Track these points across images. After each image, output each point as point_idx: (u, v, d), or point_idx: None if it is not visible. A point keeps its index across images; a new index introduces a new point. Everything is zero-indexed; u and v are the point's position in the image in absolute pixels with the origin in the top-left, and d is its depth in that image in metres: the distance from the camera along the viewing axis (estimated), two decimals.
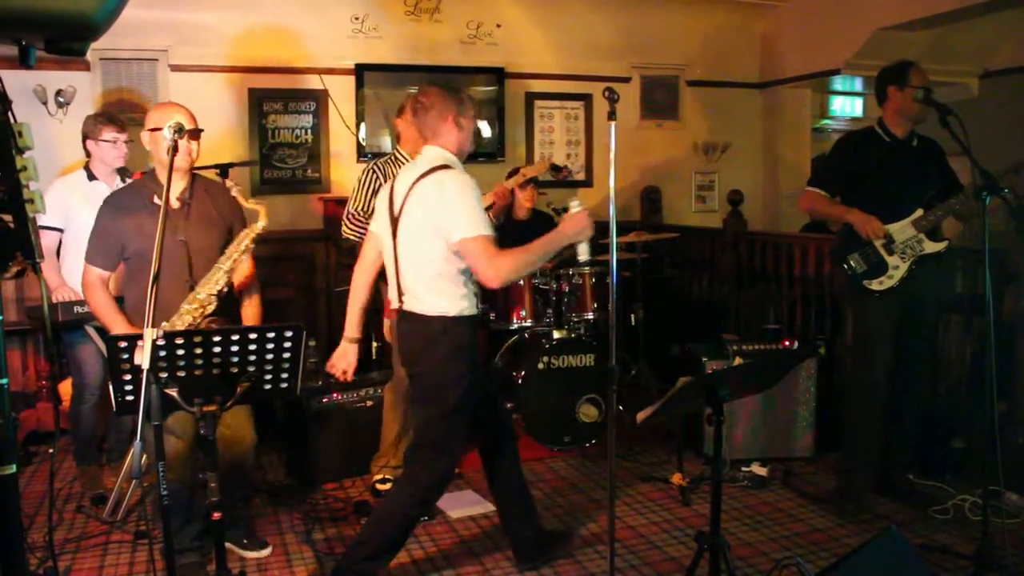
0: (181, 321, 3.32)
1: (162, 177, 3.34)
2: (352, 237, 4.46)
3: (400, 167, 4.49)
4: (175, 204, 3.45)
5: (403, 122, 4.51)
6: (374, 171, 4.52)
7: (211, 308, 3.37)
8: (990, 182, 3.39)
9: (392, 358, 4.53)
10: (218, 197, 3.61)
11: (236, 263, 3.44)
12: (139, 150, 3.78)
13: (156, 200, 3.39)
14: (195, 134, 3.42)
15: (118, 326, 3.32)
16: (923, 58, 4.20)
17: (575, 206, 3.27)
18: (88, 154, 4.43)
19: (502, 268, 3.13)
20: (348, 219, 4.49)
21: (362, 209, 4.46)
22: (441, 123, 3.29)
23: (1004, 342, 4.26)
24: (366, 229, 4.32)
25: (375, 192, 4.43)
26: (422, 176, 3.25)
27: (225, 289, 3.41)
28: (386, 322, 4.65)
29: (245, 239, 3.46)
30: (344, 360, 3.59)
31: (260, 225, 3.48)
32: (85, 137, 4.42)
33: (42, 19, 1.65)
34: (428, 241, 3.22)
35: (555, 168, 5.49)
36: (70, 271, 4.23)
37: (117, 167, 4.44)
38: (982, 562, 3.39)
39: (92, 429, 4.56)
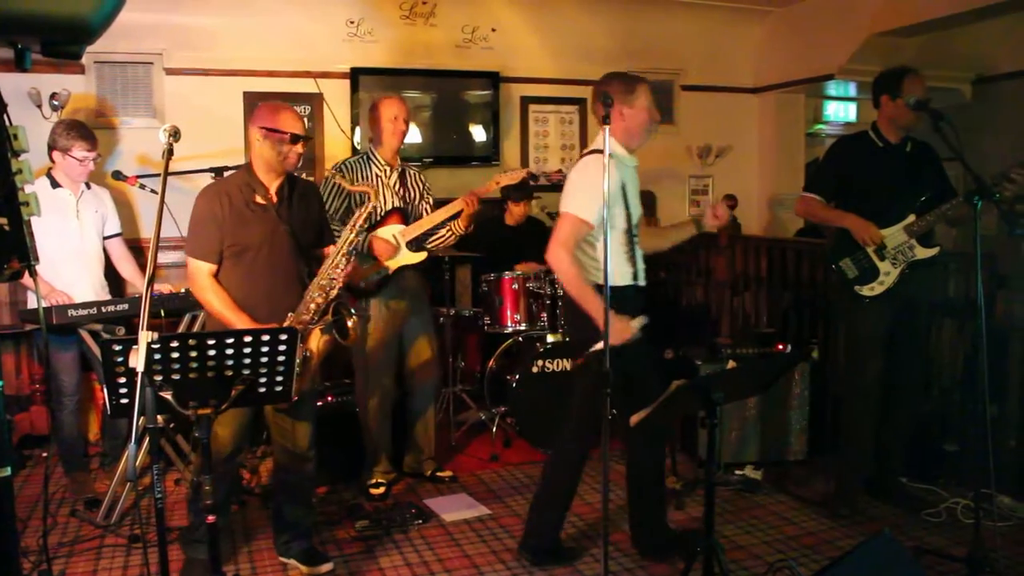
0: (306, 309, 3.40)
1: (261, 174, 3.46)
2: None
3: (373, 168, 4.49)
4: (274, 199, 3.48)
5: (372, 122, 4.50)
6: (341, 172, 4.35)
7: (334, 292, 3.43)
8: (982, 186, 3.40)
9: (364, 368, 4.52)
10: (310, 196, 3.68)
11: (351, 245, 3.51)
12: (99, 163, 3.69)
13: (258, 198, 3.44)
14: (306, 140, 3.49)
15: (242, 324, 3.30)
16: (916, 63, 4.20)
17: (636, 324, 3.44)
18: (52, 161, 4.42)
19: (558, 255, 3.40)
20: None
21: (330, 215, 4.27)
22: (611, 110, 3.28)
23: (996, 346, 4.27)
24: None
25: (339, 194, 4.38)
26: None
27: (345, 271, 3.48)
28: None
29: (359, 219, 3.57)
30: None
31: (372, 204, 3.67)
32: (52, 147, 4.40)
33: (38, 22, 1.65)
34: None
35: (533, 177, 5.48)
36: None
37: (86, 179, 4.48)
38: (974, 565, 3.39)
39: (75, 434, 4.56)
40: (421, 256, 4.56)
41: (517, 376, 5.10)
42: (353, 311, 3.40)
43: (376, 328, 4.48)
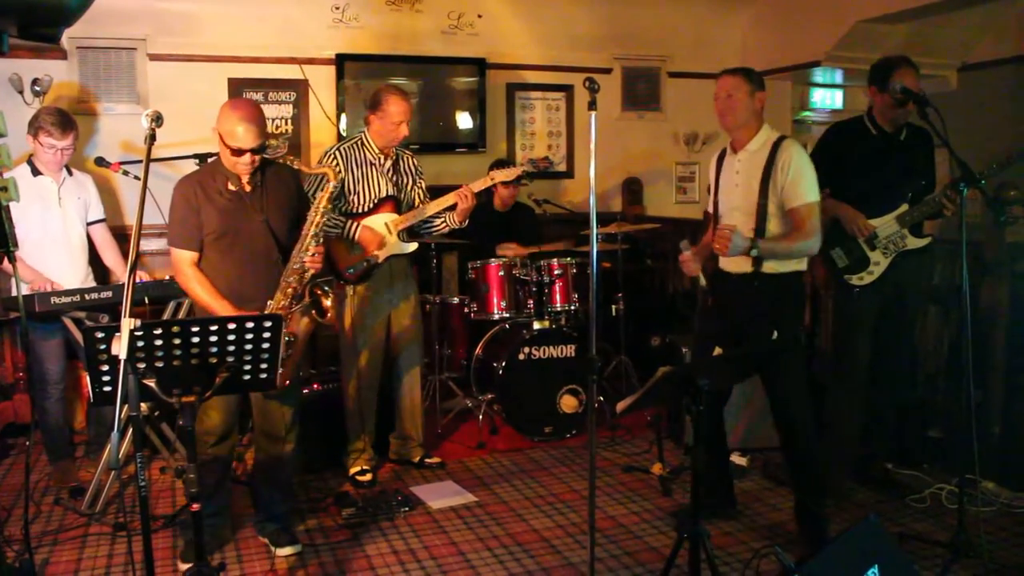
0: (284, 295, 3.44)
1: (229, 165, 3.48)
2: None
3: (367, 154, 4.46)
4: (247, 187, 3.51)
5: (376, 116, 4.45)
6: (335, 157, 4.40)
7: (308, 276, 3.48)
8: (967, 174, 3.41)
9: (351, 355, 4.51)
10: (286, 179, 3.69)
11: (319, 227, 3.51)
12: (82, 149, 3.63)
13: (230, 186, 3.49)
14: (258, 151, 3.45)
15: (225, 311, 3.37)
16: (902, 51, 4.21)
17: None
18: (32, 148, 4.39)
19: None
20: None
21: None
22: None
23: (981, 333, 4.30)
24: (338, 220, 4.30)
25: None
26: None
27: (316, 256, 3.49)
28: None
29: (321, 201, 3.54)
30: None
31: (331, 185, 3.61)
32: (30, 134, 4.36)
33: (14, 4, 1.62)
34: None
35: (528, 175, 5.47)
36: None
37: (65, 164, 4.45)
38: (958, 550, 3.42)
39: (60, 423, 4.54)
40: (412, 246, 4.54)
41: (504, 363, 5.09)
42: (327, 288, 3.43)
43: (363, 316, 4.46)
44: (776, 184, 3.60)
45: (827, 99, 8.74)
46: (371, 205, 4.44)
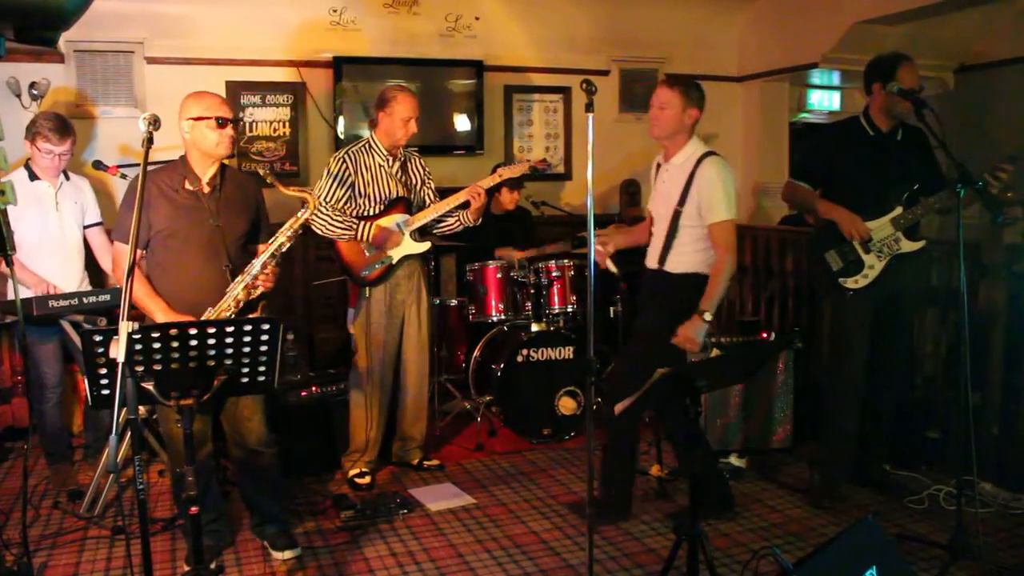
0: (227, 305, 3.37)
1: (195, 164, 3.48)
2: (317, 230, 4.36)
3: (375, 157, 4.47)
4: (205, 188, 3.49)
5: (384, 114, 4.45)
6: (344, 161, 4.42)
7: (257, 292, 3.42)
8: (965, 175, 3.41)
9: (363, 353, 4.51)
10: (246, 187, 3.66)
11: (282, 248, 3.46)
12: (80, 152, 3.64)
13: (187, 185, 3.47)
14: (235, 123, 3.49)
15: (159, 313, 3.34)
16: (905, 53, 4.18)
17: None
18: (30, 152, 4.38)
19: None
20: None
21: (326, 199, 4.36)
22: None
23: (978, 334, 4.30)
24: (335, 221, 4.31)
25: (343, 182, 4.39)
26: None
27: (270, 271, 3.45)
28: (350, 311, 4.61)
29: (293, 225, 3.47)
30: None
31: (308, 214, 3.51)
32: (27, 138, 4.35)
33: (11, 8, 1.62)
34: None
35: (535, 171, 5.47)
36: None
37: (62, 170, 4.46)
38: (956, 551, 3.42)
39: (59, 427, 4.55)
40: (425, 246, 4.53)
41: (502, 365, 5.09)
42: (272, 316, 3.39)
43: (379, 317, 4.46)
44: (693, 199, 3.77)
45: (824, 101, 8.75)
46: (382, 207, 4.44)
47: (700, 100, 3.85)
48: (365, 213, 4.43)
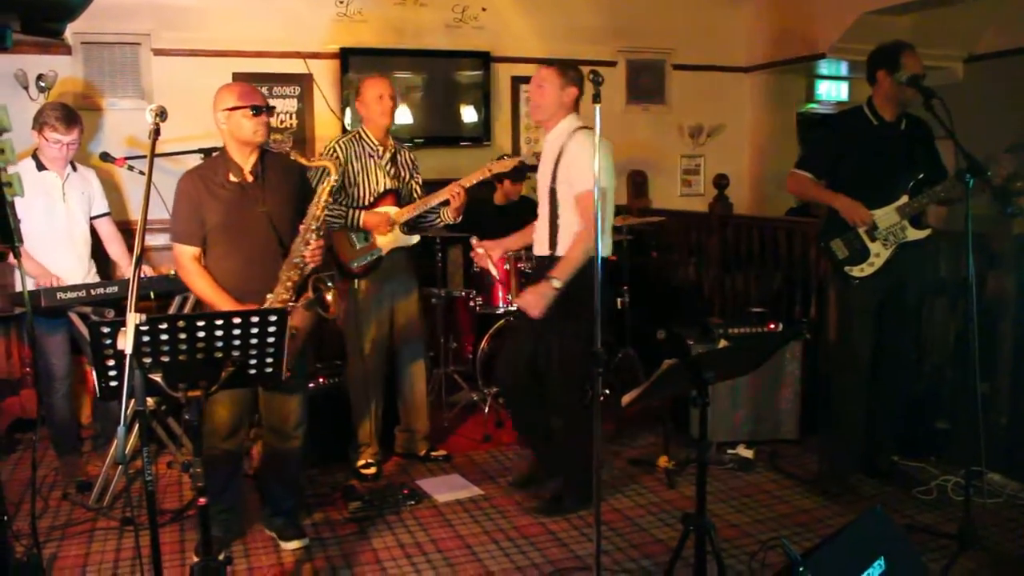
0: (284, 288, 3.43)
1: (235, 155, 3.52)
2: None
3: (366, 148, 4.46)
4: (248, 178, 3.52)
5: (360, 104, 4.47)
6: (336, 151, 4.41)
7: (308, 269, 3.47)
8: (974, 165, 3.39)
9: (356, 350, 4.51)
10: (289, 169, 3.69)
11: (319, 220, 3.50)
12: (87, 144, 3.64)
13: (231, 177, 3.50)
14: (269, 111, 3.53)
15: (225, 306, 3.38)
16: (908, 42, 4.16)
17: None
18: (37, 143, 4.39)
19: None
20: None
21: None
22: None
23: (987, 324, 4.29)
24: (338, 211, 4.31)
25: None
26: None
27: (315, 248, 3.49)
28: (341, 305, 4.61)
29: (322, 195, 3.52)
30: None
31: (332, 179, 3.58)
32: (34, 128, 4.35)
33: None
34: None
35: (524, 166, 5.45)
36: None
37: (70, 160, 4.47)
38: (964, 541, 3.42)
39: (67, 419, 4.56)
40: (414, 239, 4.54)
41: None
42: (330, 283, 3.42)
43: (367, 309, 4.46)
44: (564, 174, 3.80)
45: (832, 91, 8.71)
46: (372, 199, 4.44)
47: (578, 80, 3.93)
48: (355, 203, 4.43)
